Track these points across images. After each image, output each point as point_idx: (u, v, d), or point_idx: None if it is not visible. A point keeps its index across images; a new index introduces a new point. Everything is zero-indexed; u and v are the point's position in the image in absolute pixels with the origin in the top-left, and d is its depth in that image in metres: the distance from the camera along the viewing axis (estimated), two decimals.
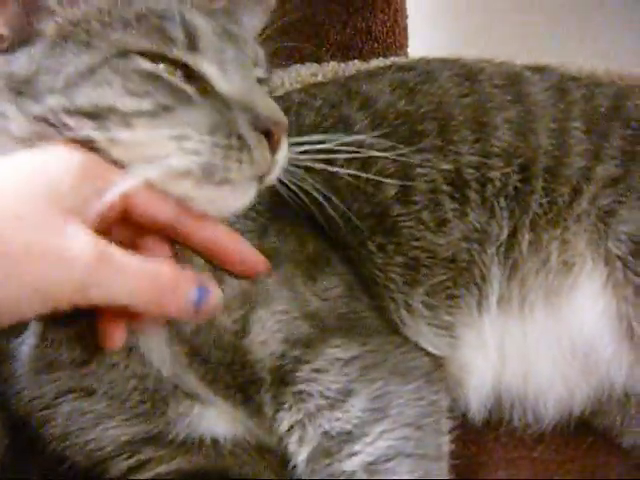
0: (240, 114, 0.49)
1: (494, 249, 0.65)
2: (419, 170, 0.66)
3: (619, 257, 0.63)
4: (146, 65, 0.49)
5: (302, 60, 0.88)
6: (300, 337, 0.55)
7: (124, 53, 0.49)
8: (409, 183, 0.66)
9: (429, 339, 0.63)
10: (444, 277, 0.64)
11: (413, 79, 0.73)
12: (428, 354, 0.62)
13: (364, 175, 0.63)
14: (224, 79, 0.51)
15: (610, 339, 0.62)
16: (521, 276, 0.65)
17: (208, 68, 0.50)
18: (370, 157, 0.64)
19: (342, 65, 0.89)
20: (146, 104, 0.48)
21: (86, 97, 0.48)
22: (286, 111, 0.65)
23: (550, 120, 0.69)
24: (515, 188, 0.66)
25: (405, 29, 1.01)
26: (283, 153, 0.53)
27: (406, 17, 1.02)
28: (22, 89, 0.50)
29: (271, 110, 0.51)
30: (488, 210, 0.66)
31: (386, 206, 0.65)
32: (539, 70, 0.76)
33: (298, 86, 0.84)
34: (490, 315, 0.64)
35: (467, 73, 0.74)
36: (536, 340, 0.64)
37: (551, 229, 0.65)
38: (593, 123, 0.69)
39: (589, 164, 0.67)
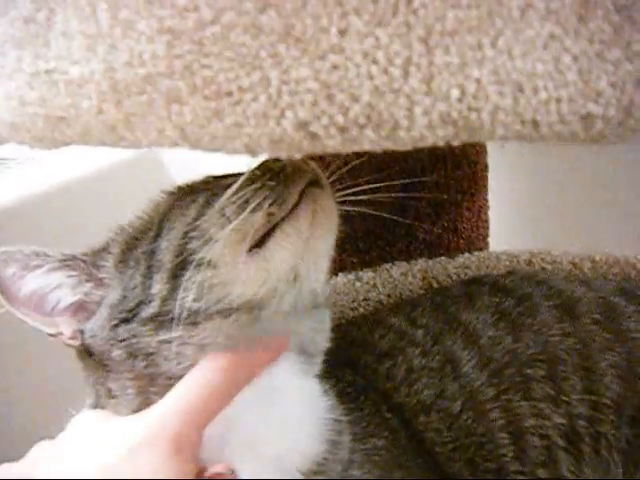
0: None
1: None
2: (532, 422, 0.66)
3: None
4: None
5: (393, 258, 0.94)
6: None
7: None
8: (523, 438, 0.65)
9: None
10: None
11: (513, 309, 0.73)
12: None
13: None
14: None
15: None
16: None
17: None
18: (483, 404, 0.66)
19: (429, 262, 0.94)
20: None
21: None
22: (391, 349, 0.70)
23: None
24: (627, 441, 0.65)
25: (487, 221, 1.07)
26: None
27: (488, 209, 1.08)
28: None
29: None
30: (603, 465, 0.64)
31: (503, 462, 0.65)
32: (632, 296, 0.75)
33: (389, 286, 0.89)
34: None
35: (566, 304, 0.73)
36: None
37: None
38: None
39: None
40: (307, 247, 0.58)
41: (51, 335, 0.60)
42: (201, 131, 0.46)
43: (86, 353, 0.60)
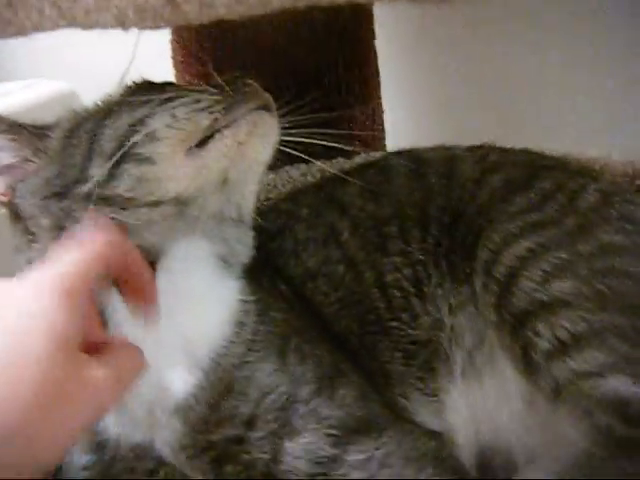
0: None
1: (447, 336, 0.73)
2: (390, 277, 0.74)
3: None
4: None
5: (291, 162, 1.00)
6: (324, 456, 0.62)
7: None
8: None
9: (425, 407, 0.71)
10: (426, 357, 0.72)
11: (375, 177, 0.82)
12: (434, 437, 0.68)
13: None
14: None
15: None
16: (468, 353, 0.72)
17: None
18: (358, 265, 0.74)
19: (327, 164, 0.99)
20: None
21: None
22: (281, 227, 0.77)
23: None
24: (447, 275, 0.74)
25: (382, 124, 1.13)
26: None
27: (382, 113, 1.14)
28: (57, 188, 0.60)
29: None
30: (437, 298, 0.74)
31: (378, 313, 0.74)
32: (478, 148, 0.84)
33: (289, 186, 0.96)
34: (457, 384, 0.72)
35: (417, 167, 0.81)
36: (494, 400, 0.70)
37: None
38: None
39: None
40: (240, 153, 0.63)
41: None
42: (75, 6, 0.50)
43: (15, 216, 0.63)
